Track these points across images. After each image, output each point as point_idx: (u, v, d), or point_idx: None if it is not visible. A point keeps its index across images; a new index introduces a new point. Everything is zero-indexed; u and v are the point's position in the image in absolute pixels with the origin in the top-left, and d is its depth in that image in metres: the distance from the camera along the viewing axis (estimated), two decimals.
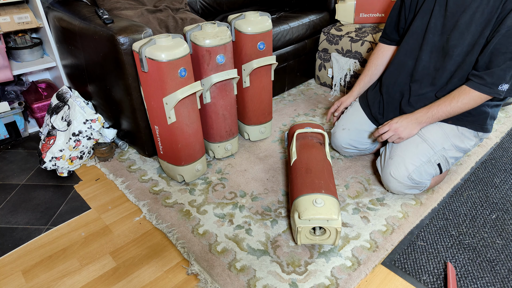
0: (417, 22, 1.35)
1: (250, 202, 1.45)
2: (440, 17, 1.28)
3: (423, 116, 1.31)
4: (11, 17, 1.70)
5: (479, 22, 1.19)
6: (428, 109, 1.31)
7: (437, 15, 1.29)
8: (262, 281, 1.13)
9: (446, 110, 1.27)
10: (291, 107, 2.17)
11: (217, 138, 1.64)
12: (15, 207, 1.48)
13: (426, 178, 1.34)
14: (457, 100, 1.25)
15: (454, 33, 1.25)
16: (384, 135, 1.36)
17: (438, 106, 1.28)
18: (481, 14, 1.18)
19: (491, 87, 1.19)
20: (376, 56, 1.58)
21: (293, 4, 2.54)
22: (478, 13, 1.19)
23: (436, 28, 1.30)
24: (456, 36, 1.25)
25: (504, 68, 1.15)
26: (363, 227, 1.32)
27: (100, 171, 1.67)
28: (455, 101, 1.25)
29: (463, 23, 1.22)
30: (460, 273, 1.15)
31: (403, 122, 1.33)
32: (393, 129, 1.33)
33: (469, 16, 1.20)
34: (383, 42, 1.57)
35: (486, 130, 1.37)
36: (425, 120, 1.32)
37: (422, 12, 1.33)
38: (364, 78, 1.61)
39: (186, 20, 1.83)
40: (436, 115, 1.29)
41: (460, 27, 1.23)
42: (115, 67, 1.46)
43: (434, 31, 1.30)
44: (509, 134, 1.85)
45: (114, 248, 1.28)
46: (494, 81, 1.17)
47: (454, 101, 1.25)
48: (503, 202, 1.42)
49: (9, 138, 1.89)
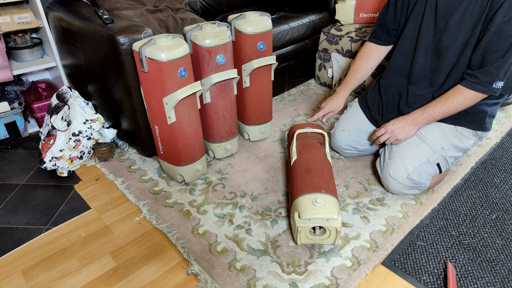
0: (410, 25, 1.36)
1: (250, 202, 1.45)
2: (431, 18, 1.29)
3: (419, 117, 1.31)
4: (11, 17, 1.70)
5: (469, 22, 1.20)
6: (424, 110, 1.31)
7: (428, 17, 1.30)
8: (262, 281, 1.13)
9: (441, 110, 1.27)
10: (291, 107, 2.17)
11: (217, 138, 1.64)
12: (15, 207, 1.48)
13: (426, 178, 1.34)
14: (452, 99, 1.25)
15: (446, 34, 1.26)
16: (381, 138, 1.36)
17: (434, 106, 1.28)
18: (470, 14, 1.19)
19: (485, 85, 1.19)
20: (365, 58, 1.54)
21: (293, 4, 2.54)
22: (467, 13, 1.19)
23: (429, 30, 1.31)
24: (448, 37, 1.26)
25: (497, 66, 1.16)
26: (363, 227, 1.32)
27: (100, 171, 1.67)
28: (450, 101, 1.25)
29: (453, 24, 1.23)
30: (460, 273, 1.15)
31: (399, 124, 1.33)
32: (389, 131, 1.33)
33: (459, 16, 1.21)
34: (373, 42, 1.55)
35: (485, 129, 1.37)
36: (422, 121, 1.32)
37: (414, 15, 1.34)
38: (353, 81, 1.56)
39: (186, 20, 1.83)
40: (432, 115, 1.30)
41: (451, 28, 1.24)
42: (115, 67, 1.46)
43: (427, 33, 1.31)
44: (509, 134, 1.85)
45: (114, 248, 1.28)
46: (488, 79, 1.18)
47: (449, 101, 1.25)
48: (503, 202, 1.42)
49: (9, 138, 1.89)
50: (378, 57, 1.55)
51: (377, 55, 1.55)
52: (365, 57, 1.55)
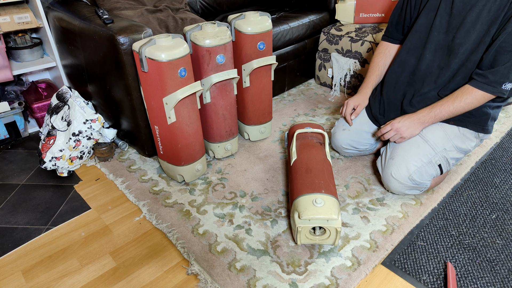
0: (421, 20, 1.33)
1: (250, 202, 1.45)
2: (446, 15, 1.27)
3: (426, 116, 1.31)
4: (11, 17, 1.70)
5: (486, 20, 1.18)
6: (431, 109, 1.30)
7: (442, 13, 1.28)
8: (262, 281, 1.13)
9: (449, 110, 1.26)
10: (291, 107, 2.17)
11: (217, 138, 1.64)
12: (15, 207, 1.48)
13: (427, 178, 1.34)
14: (460, 99, 1.24)
15: (460, 31, 1.24)
16: (386, 135, 1.36)
17: (441, 106, 1.28)
18: (487, 12, 1.17)
19: (494, 86, 1.18)
20: (383, 55, 1.54)
21: (293, 4, 2.54)
22: (484, 11, 1.18)
23: (441, 26, 1.28)
24: (462, 34, 1.24)
25: (508, 67, 1.14)
26: (363, 227, 1.32)
27: (100, 171, 1.67)
28: (458, 101, 1.24)
29: (469, 21, 1.21)
30: (460, 273, 1.15)
31: (405, 122, 1.32)
32: (395, 128, 1.33)
33: (476, 14, 1.19)
34: (387, 41, 1.54)
35: (487, 131, 1.37)
36: (428, 120, 1.31)
37: (426, 10, 1.32)
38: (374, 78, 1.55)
39: (186, 20, 1.83)
40: (439, 115, 1.29)
41: (466, 25, 1.22)
42: (115, 67, 1.46)
43: (439, 29, 1.29)
44: (509, 134, 1.85)
45: (114, 248, 1.28)
46: (498, 80, 1.17)
47: (457, 100, 1.24)
48: (503, 202, 1.42)
49: (9, 138, 1.89)
50: (393, 53, 1.55)
51: (393, 52, 1.54)
52: (383, 54, 1.54)
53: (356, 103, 1.54)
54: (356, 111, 1.54)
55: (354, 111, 1.54)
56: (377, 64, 1.55)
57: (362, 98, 1.54)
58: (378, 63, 1.54)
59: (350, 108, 1.54)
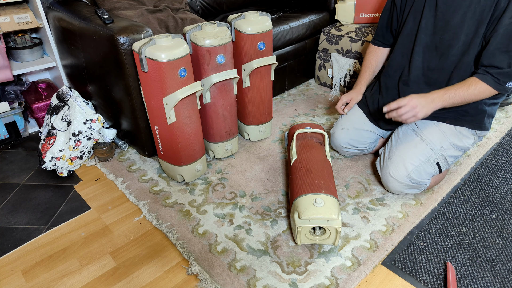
0: (409, 23, 1.36)
1: (250, 202, 1.45)
2: (431, 17, 1.29)
3: (440, 98, 1.22)
4: (11, 17, 1.70)
5: (472, 22, 1.20)
6: (446, 92, 1.23)
7: (427, 16, 1.30)
8: (262, 281, 1.13)
9: (463, 95, 1.21)
10: (291, 107, 2.17)
11: (217, 138, 1.64)
12: (15, 207, 1.48)
13: (426, 177, 1.34)
14: (475, 86, 1.20)
15: (448, 33, 1.25)
16: (400, 110, 1.23)
17: (456, 90, 1.21)
18: (472, 13, 1.19)
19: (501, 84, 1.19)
20: (375, 53, 1.59)
21: (293, 4, 2.54)
22: (469, 13, 1.19)
23: (428, 28, 1.30)
24: (450, 36, 1.25)
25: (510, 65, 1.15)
26: (363, 227, 1.32)
27: (100, 171, 1.67)
28: (473, 88, 1.20)
29: (455, 23, 1.23)
30: (460, 273, 1.15)
31: (421, 100, 1.21)
32: (411, 104, 1.21)
33: (461, 16, 1.21)
34: (376, 45, 1.59)
35: (484, 129, 1.37)
36: (441, 102, 1.23)
37: (413, 13, 1.34)
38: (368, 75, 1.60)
39: (186, 20, 1.83)
40: (453, 99, 1.22)
41: (453, 27, 1.24)
42: (115, 67, 1.46)
43: (426, 32, 1.31)
44: (509, 134, 1.85)
45: (114, 248, 1.28)
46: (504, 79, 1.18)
47: (472, 87, 1.20)
48: (503, 202, 1.42)
49: (9, 138, 1.89)
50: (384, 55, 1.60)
51: (383, 54, 1.60)
52: (375, 52, 1.59)
53: (349, 98, 1.59)
54: (348, 104, 1.60)
55: (347, 105, 1.60)
56: (370, 61, 1.59)
57: (355, 93, 1.60)
58: (370, 60, 1.59)
59: (341, 102, 1.60)
